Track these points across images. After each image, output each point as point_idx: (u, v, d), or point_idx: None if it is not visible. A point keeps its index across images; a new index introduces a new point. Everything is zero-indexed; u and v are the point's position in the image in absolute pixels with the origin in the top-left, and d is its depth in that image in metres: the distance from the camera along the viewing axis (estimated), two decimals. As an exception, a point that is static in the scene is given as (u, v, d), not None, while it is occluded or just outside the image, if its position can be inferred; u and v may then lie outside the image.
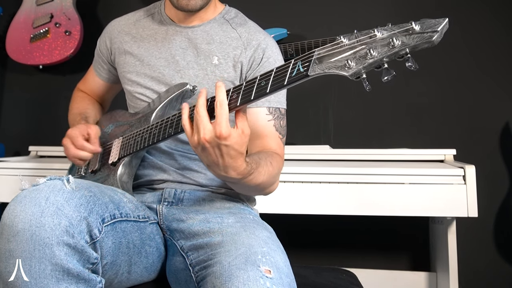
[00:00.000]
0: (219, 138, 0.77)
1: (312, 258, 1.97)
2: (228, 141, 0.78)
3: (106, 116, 1.26)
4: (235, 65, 1.10)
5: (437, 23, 0.63)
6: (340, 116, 2.00)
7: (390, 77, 0.68)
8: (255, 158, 0.92)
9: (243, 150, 0.81)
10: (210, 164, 0.83)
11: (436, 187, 1.41)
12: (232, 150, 0.79)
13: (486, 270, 1.86)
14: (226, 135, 0.77)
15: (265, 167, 0.92)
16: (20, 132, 2.26)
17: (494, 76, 1.90)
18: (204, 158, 0.83)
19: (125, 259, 0.89)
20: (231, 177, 0.84)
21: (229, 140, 0.78)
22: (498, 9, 1.91)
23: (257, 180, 0.90)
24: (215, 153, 0.80)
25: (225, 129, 0.77)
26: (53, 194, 0.76)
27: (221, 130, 0.77)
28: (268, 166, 0.94)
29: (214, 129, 0.78)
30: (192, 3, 1.05)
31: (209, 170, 0.86)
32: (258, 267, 0.78)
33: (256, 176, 0.89)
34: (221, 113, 0.78)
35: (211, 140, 0.78)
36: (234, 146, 0.79)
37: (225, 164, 0.81)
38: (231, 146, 0.78)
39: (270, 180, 0.96)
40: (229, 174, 0.83)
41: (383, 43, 0.67)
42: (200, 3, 1.06)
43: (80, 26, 2.05)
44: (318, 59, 0.72)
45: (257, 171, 0.89)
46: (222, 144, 0.78)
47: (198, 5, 1.06)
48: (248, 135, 0.81)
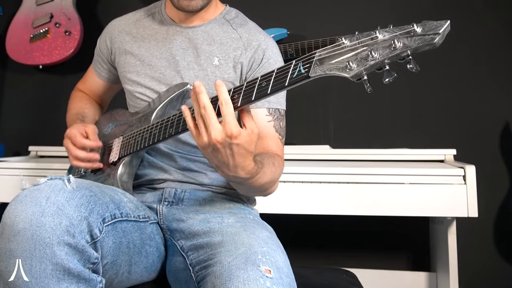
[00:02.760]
0: (230, 137, 0.76)
1: (312, 258, 1.97)
2: (238, 140, 0.77)
3: (106, 115, 1.26)
4: (235, 66, 1.10)
5: (439, 25, 0.63)
6: (340, 116, 2.00)
7: (392, 78, 0.68)
8: (258, 159, 0.92)
9: (253, 149, 0.80)
10: (219, 165, 0.82)
11: (436, 187, 1.41)
12: (242, 149, 0.78)
13: (486, 270, 1.86)
14: (236, 134, 0.76)
15: (268, 167, 0.92)
16: (20, 132, 2.26)
17: (494, 76, 1.90)
18: (214, 159, 0.81)
19: (126, 259, 0.89)
20: (240, 176, 0.82)
21: (240, 139, 0.77)
22: (498, 10, 1.91)
23: (262, 180, 0.90)
24: (226, 153, 0.78)
25: (235, 128, 0.76)
26: (53, 194, 0.76)
27: (231, 129, 0.75)
28: (271, 166, 0.94)
29: (224, 129, 0.76)
30: (193, 3, 1.05)
31: (218, 171, 0.84)
32: (258, 267, 0.78)
33: (261, 176, 0.89)
34: (228, 111, 0.76)
35: (223, 140, 0.76)
36: (244, 145, 0.78)
37: (235, 163, 0.80)
38: (241, 145, 0.77)
39: (272, 180, 0.96)
40: (238, 174, 0.82)
41: (384, 45, 0.67)
42: (201, 3, 1.06)
43: (80, 26, 2.05)
44: (319, 60, 0.72)
45: (262, 171, 0.89)
46: (234, 144, 0.77)
47: (199, 6, 1.06)
48: (257, 134, 0.80)
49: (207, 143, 0.78)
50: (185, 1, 1.04)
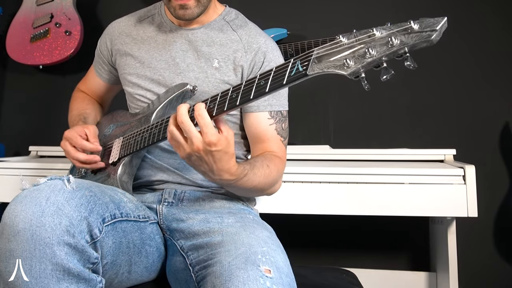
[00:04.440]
0: (209, 145, 0.80)
1: (312, 258, 1.97)
2: (218, 147, 0.80)
3: (107, 116, 1.26)
4: (235, 69, 1.10)
5: (436, 22, 0.63)
6: (340, 116, 2.00)
7: (389, 76, 0.68)
8: (251, 161, 0.94)
9: (233, 151, 0.84)
10: (205, 171, 0.86)
11: (436, 187, 1.41)
12: (223, 153, 0.82)
13: (486, 270, 1.86)
14: (215, 141, 0.80)
15: (261, 169, 0.94)
16: (20, 132, 2.26)
17: (494, 76, 1.90)
18: (199, 167, 0.85)
19: (125, 259, 0.89)
20: (225, 179, 0.86)
21: (219, 145, 0.80)
22: (499, 8, 1.91)
23: (253, 182, 0.92)
24: (209, 160, 0.82)
25: (214, 137, 0.80)
26: (53, 194, 0.76)
27: (210, 138, 0.79)
28: (265, 168, 0.96)
29: (203, 138, 0.80)
30: (189, 12, 1.05)
31: (204, 177, 0.89)
32: (258, 267, 0.78)
33: (251, 178, 0.91)
34: (205, 123, 0.80)
35: (204, 148, 0.81)
36: (225, 149, 0.82)
37: (218, 168, 0.84)
38: (222, 150, 0.81)
39: (267, 181, 0.97)
40: (223, 177, 0.86)
41: (382, 42, 0.67)
42: (197, 11, 1.06)
43: (80, 26, 2.05)
44: (317, 58, 0.72)
45: (252, 173, 0.91)
46: (214, 151, 0.81)
47: (195, 14, 1.06)
48: (232, 135, 0.84)
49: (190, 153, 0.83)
50: (180, 11, 1.04)
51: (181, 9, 1.04)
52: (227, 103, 0.82)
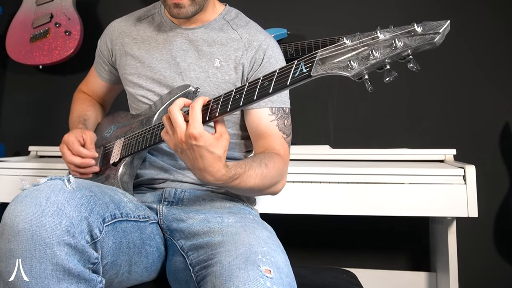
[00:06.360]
0: (189, 137, 0.79)
1: (312, 258, 1.97)
2: (200, 142, 0.79)
3: (108, 117, 1.26)
4: (236, 67, 1.10)
5: (439, 25, 0.64)
6: (340, 116, 2.00)
7: (392, 78, 0.69)
8: (248, 161, 0.92)
9: (221, 154, 0.81)
10: (191, 167, 0.85)
11: (436, 187, 1.41)
12: (205, 151, 0.80)
13: (486, 270, 1.86)
14: (197, 135, 0.79)
15: (257, 169, 0.92)
16: (20, 132, 2.26)
17: (494, 76, 1.90)
18: (186, 162, 0.85)
19: (126, 259, 0.89)
20: (209, 181, 0.84)
21: (201, 140, 0.79)
22: (499, 10, 1.91)
23: (248, 184, 0.90)
24: (192, 155, 0.81)
25: (196, 130, 0.79)
26: (53, 194, 0.76)
27: (191, 130, 0.79)
28: (262, 168, 0.93)
29: (186, 129, 0.80)
30: (183, 11, 1.04)
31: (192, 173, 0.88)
32: (258, 267, 0.78)
33: (244, 180, 0.89)
34: (193, 115, 0.80)
35: (186, 140, 0.80)
36: (208, 148, 0.80)
37: (200, 167, 0.82)
38: (204, 147, 0.80)
39: (264, 182, 0.95)
40: (205, 179, 0.84)
41: (385, 44, 0.67)
42: (192, 10, 1.05)
43: (80, 26, 2.05)
44: (321, 59, 0.73)
45: (246, 175, 0.89)
46: (194, 145, 0.80)
47: (189, 13, 1.05)
48: (226, 139, 0.82)
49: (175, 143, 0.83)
50: (175, 9, 1.04)
51: (175, 7, 1.04)
52: (230, 103, 0.82)
